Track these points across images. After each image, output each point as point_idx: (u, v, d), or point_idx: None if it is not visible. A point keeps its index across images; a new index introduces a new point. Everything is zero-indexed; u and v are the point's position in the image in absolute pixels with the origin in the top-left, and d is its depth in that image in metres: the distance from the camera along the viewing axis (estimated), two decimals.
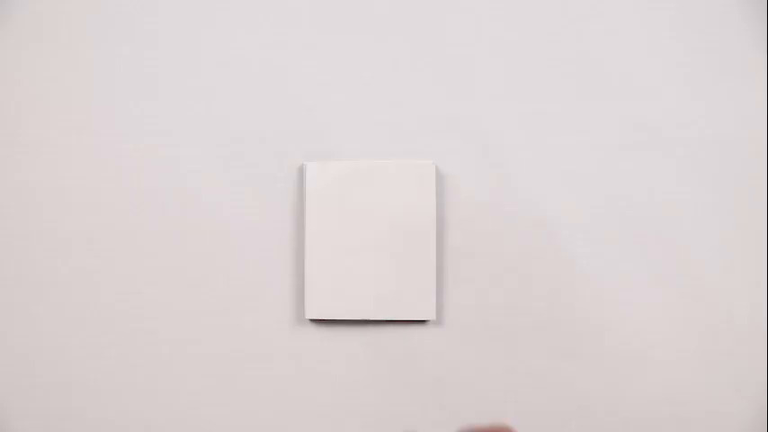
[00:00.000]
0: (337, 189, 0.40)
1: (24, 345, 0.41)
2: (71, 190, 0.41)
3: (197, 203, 0.41)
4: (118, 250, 0.41)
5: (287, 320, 0.41)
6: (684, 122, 0.40)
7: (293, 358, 0.40)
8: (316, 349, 0.40)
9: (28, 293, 0.41)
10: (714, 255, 0.40)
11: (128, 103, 0.41)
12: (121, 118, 0.41)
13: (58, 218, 0.41)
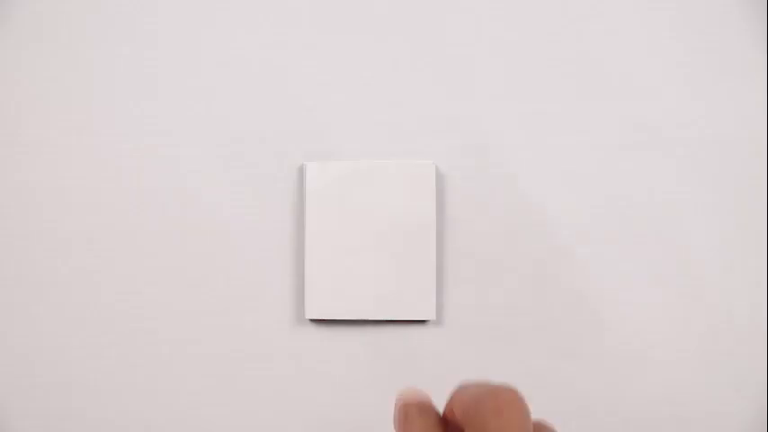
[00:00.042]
0: (337, 189, 0.40)
1: (24, 345, 0.41)
2: (71, 190, 0.41)
3: (197, 203, 0.41)
4: (118, 250, 0.41)
5: (287, 320, 0.41)
6: (684, 122, 0.40)
7: (293, 358, 0.40)
8: (316, 349, 0.40)
9: (28, 293, 0.41)
10: (714, 255, 0.40)
11: (128, 103, 0.41)
12: (121, 118, 0.41)
13: (58, 218, 0.41)
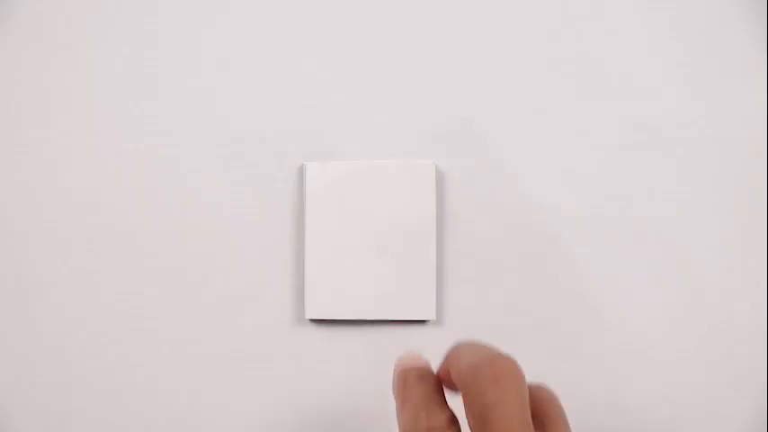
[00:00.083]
0: (337, 189, 0.40)
1: (24, 345, 0.41)
2: (71, 190, 0.41)
3: (197, 203, 0.41)
4: (118, 250, 0.41)
5: (287, 320, 0.41)
6: (684, 122, 0.40)
7: (293, 358, 0.40)
8: (316, 349, 0.40)
9: (28, 293, 0.41)
10: (714, 255, 0.40)
11: (128, 103, 0.41)
12: (121, 118, 0.41)
13: (58, 218, 0.41)
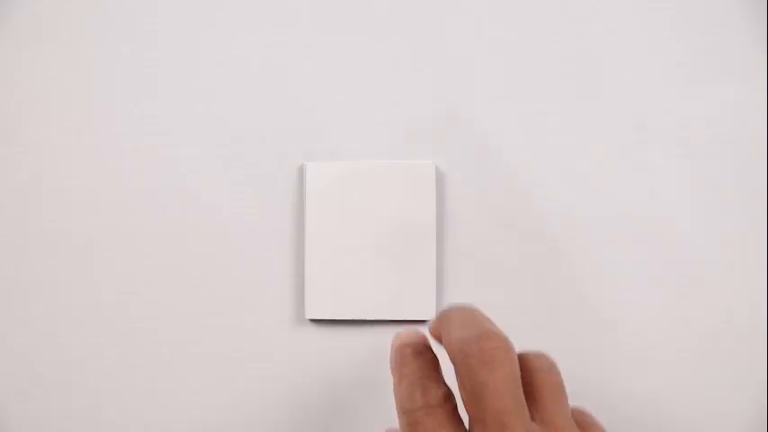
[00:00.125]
0: (337, 189, 0.40)
1: (24, 345, 0.41)
2: (71, 190, 0.41)
3: (197, 203, 0.41)
4: (118, 250, 0.41)
5: (287, 320, 0.41)
6: (684, 122, 0.40)
7: (293, 358, 0.40)
8: (316, 349, 0.40)
9: (28, 293, 0.41)
10: (714, 255, 0.40)
11: (128, 103, 0.41)
12: (121, 118, 0.41)
13: (58, 218, 0.41)
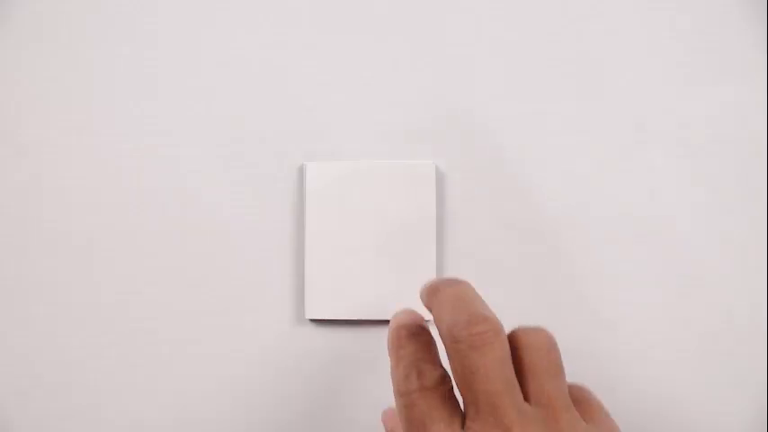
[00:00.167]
0: (337, 189, 0.40)
1: (24, 345, 0.41)
2: (71, 190, 0.41)
3: (197, 203, 0.41)
4: (118, 250, 0.41)
5: (287, 320, 0.40)
6: (684, 122, 0.40)
7: (293, 358, 0.40)
8: (316, 349, 0.40)
9: (28, 293, 0.41)
10: (714, 255, 0.40)
11: (128, 103, 0.41)
12: (121, 118, 0.41)
13: (58, 218, 0.41)
